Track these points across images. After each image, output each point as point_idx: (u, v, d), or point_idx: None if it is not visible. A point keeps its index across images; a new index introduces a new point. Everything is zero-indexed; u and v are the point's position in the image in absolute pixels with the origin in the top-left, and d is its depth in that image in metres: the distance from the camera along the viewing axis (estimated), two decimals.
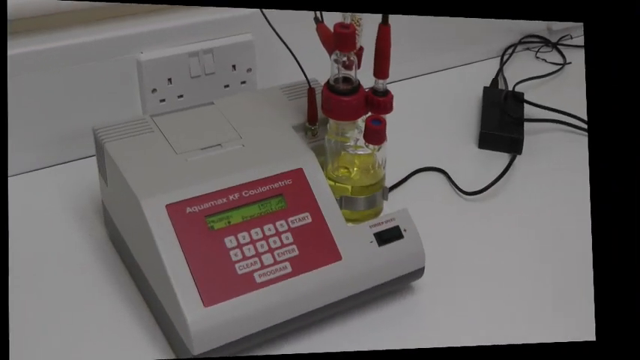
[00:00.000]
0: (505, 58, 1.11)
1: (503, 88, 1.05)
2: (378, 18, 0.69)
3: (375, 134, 0.72)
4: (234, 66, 0.91)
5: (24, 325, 0.70)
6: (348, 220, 0.73)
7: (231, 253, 0.65)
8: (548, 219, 0.86)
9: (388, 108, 0.72)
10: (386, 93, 0.72)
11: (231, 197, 0.67)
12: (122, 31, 0.85)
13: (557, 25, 1.15)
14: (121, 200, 0.71)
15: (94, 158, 0.76)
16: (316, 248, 0.68)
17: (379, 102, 0.71)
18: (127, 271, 0.75)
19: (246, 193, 0.68)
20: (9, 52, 0.79)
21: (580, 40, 1.17)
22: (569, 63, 1.10)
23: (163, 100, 0.88)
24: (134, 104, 0.88)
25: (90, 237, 0.78)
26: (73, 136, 0.86)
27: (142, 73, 0.86)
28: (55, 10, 0.80)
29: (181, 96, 0.89)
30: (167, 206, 0.65)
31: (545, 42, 1.14)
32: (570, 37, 1.15)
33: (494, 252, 0.82)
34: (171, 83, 0.88)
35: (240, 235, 0.66)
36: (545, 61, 1.12)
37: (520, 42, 1.13)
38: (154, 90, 0.87)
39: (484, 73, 1.08)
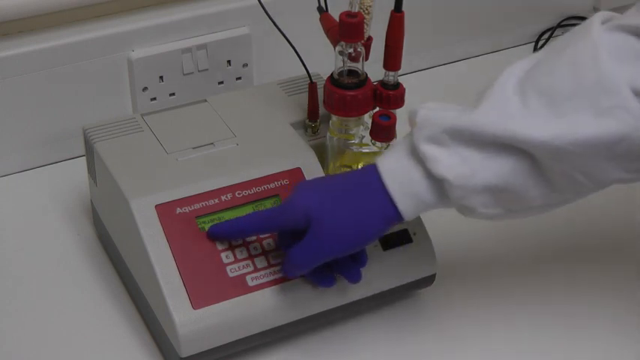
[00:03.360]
0: (540, 44, 1.15)
1: None
2: (387, 3, 0.75)
3: (384, 130, 0.80)
4: (229, 61, 1.00)
5: (9, 326, 0.81)
6: None
7: (222, 255, 0.75)
8: (599, 220, 0.89)
9: (399, 102, 0.80)
10: (397, 86, 0.79)
11: (223, 198, 0.77)
12: (112, 30, 0.95)
13: (607, 3, 1.17)
14: (110, 200, 0.81)
15: (84, 158, 0.87)
16: None
17: (389, 95, 0.79)
18: (116, 271, 0.86)
19: (239, 194, 0.78)
20: (0, 55, 0.91)
21: None
22: None
23: (154, 99, 0.99)
24: (124, 103, 0.98)
25: (78, 237, 0.90)
26: (63, 136, 0.97)
27: (133, 71, 0.96)
28: (43, 10, 0.90)
29: (173, 94, 1.00)
30: (157, 207, 0.76)
31: None
32: None
33: (523, 261, 0.86)
34: (162, 81, 0.98)
35: None
36: None
37: (559, 25, 1.17)
38: (145, 88, 0.98)
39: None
